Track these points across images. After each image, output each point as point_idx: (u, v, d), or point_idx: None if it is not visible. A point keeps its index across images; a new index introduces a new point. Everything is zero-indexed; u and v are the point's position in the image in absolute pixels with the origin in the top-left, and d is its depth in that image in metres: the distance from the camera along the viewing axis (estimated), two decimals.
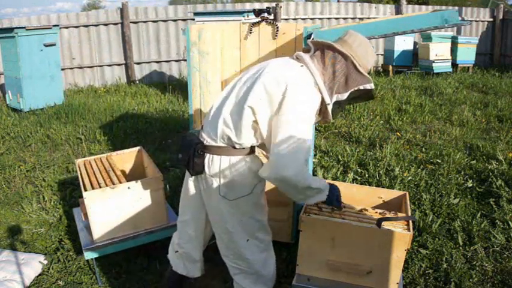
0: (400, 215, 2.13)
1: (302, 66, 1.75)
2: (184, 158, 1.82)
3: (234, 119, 1.74)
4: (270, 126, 1.70)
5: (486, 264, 2.61)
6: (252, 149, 1.80)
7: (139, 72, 9.23)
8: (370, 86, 1.78)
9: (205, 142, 1.81)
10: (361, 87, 1.76)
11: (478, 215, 3.14)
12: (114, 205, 2.45)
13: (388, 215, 2.13)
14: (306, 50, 1.84)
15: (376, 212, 2.18)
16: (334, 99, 1.76)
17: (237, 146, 1.77)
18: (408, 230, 1.96)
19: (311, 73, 1.73)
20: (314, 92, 1.71)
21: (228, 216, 1.86)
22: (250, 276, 1.98)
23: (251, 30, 2.71)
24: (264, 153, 1.84)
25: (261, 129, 1.72)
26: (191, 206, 2.04)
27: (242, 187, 1.82)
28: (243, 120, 1.71)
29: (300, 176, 1.66)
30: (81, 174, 2.76)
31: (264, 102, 1.68)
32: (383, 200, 2.47)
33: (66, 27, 8.50)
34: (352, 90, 1.76)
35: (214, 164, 1.79)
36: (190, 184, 1.99)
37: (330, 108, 1.77)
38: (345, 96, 1.78)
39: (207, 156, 1.80)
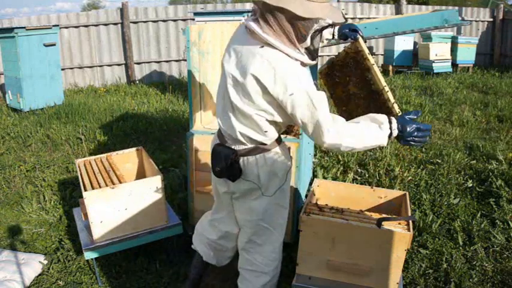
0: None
1: (262, 47, 1.55)
2: (221, 170, 1.77)
3: (249, 125, 1.69)
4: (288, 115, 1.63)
5: (486, 264, 2.61)
6: (279, 138, 1.81)
7: (139, 72, 9.23)
8: (325, 22, 1.52)
9: (234, 147, 1.77)
10: (318, 27, 1.54)
11: (478, 215, 3.14)
12: (114, 205, 2.45)
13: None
14: (254, 13, 1.63)
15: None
16: (302, 50, 1.60)
17: (267, 142, 1.75)
18: (408, 230, 1.96)
19: (274, 47, 1.54)
20: (293, 65, 1.57)
21: (263, 213, 1.85)
22: (264, 276, 1.97)
23: None
24: None
25: (281, 121, 1.68)
26: (224, 205, 2.02)
27: (279, 178, 1.82)
28: (261, 123, 1.67)
29: (337, 137, 1.60)
30: (81, 174, 2.76)
31: (271, 104, 1.62)
32: (383, 200, 2.48)
33: (66, 27, 8.50)
34: (310, 34, 1.56)
35: (250, 165, 1.76)
36: (218, 187, 1.96)
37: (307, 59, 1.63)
38: (308, 43, 1.58)
39: (241, 159, 1.76)
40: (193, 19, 6.71)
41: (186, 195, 3.18)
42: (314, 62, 1.66)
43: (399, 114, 1.74)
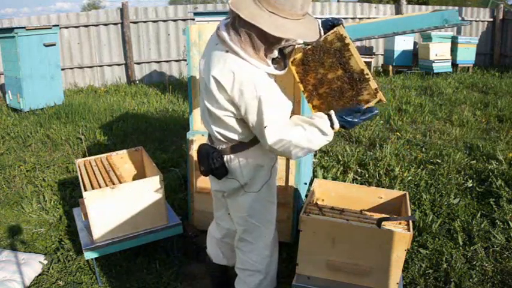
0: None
1: (227, 51, 1.57)
2: (205, 169, 1.83)
3: (223, 126, 1.73)
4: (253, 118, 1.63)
5: (486, 264, 2.61)
6: None
7: (139, 72, 9.23)
8: (294, 41, 1.56)
9: (218, 147, 1.82)
10: (288, 43, 1.61)
11: (478, 215, 3.14)
12: (114, 205, 2.45)
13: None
14: (229, 15, 1.63)
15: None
16: (269, 61, 1.62)
17: (246, 141, 1.78)
18: (408, 230, 1.96)
19: (238, 55, 1.55)
20: (254, 72, 1.56)
21: (252, 210, 1.88)
22: (257, 274, 1.99)
23: None
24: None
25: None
26: (221, 203, 2.07)
27: (263, 174, 1.85)
28: (231, 124, 1.71)
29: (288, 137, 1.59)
30: (81, 174, 2.76)
31: (233, 105, 1.64)
32: (383, 200, 2.48)
33: (66, 27, 8.50)
34: (278, 47, 1.61)
35: (233, 163, 1.80)
36: (212, 185, 2.02)
37: (273, 70, 1.64)
38: (275, 54, 1.65)
39: (225, 157, 1.81)
40: (193, 19, 6.71)
41: (186, 195, 3.18)
42: (282, 72, 1.68)
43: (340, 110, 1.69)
